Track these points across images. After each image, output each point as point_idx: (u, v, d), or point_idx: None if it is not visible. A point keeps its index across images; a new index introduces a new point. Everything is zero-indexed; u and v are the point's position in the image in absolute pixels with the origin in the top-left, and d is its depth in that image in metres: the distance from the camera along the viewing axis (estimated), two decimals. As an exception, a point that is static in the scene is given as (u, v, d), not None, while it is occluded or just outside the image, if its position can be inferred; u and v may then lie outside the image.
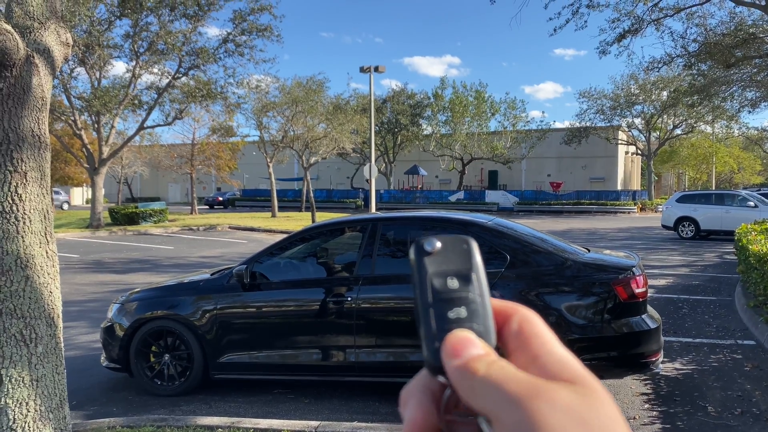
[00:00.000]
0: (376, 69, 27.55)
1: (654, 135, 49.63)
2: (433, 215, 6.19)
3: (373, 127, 29.29)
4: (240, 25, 24.00)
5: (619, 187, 52.63)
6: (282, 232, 23.06)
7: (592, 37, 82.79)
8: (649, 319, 5.20)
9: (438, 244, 0.45)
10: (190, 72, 25.05)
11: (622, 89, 46.99)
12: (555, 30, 17.16)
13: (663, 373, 6.00)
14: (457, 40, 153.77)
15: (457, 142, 48.34)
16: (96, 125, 25.89)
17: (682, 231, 20.55)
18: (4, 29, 2.90)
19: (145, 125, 26.85)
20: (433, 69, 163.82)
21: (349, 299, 5.41)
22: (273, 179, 36.23)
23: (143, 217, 27.76)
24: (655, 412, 5.06)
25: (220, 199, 52.15)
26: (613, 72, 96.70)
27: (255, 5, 23.60)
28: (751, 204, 19.61)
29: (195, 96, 24.98)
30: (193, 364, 5.66)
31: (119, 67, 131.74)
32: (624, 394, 5.49)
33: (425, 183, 55.76)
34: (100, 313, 8.82)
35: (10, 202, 3.00)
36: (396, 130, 49.31)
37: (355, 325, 5.39)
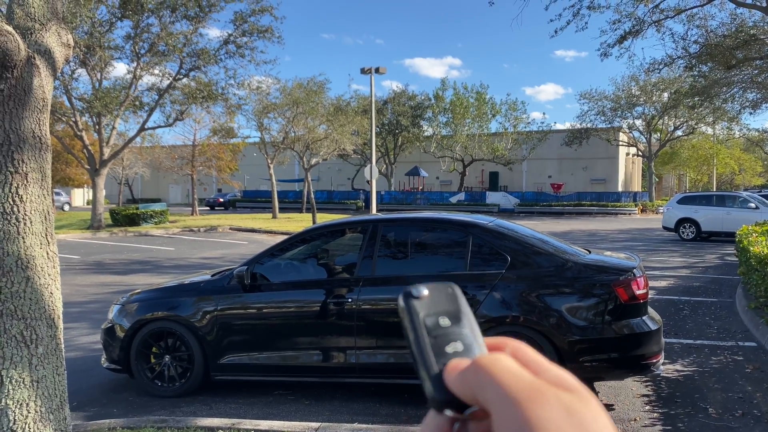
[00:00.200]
0: (377, 70, 27.58)
1: (655, 136, 49.61)
2: (433, 217, 6.19)
3: (374, 129, 29.28)
4: (241, 27, 24.02)
5: (619, 189, 52.62)
6: (283, 234, 23.06)
7: (592, 39, 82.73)
8: (649, 320, 5.20)
9: (425, 291, 0.47)
10: (191, 73, 25.09)
11: (622, 91, 46.98)
12: (556, 31, 17.15)
13: (664, 374, 5.99)
14: (458, 42, 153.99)
15: (457, 143, 48.33)
16: (97, 126, 25.92)
17: (683, 232, 20.53)
18: (5, 30, 2.90)
19: (146, 126, 26.88)
20: (434, 70, 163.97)
21: (350, 300, 5.41)
22: (274, 180, 36.24)
23: (144, 218, 27.78)
24: (656, 414, 5.05)
25: (221, 200, 52.18)
26: (614, 73, 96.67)
27: (256, 6, 23.64)
28: (752, 205, 19.59)
29: (196, 97, 24.99)
30: (194, 365, 5.66)
31: (120, 69, 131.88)
32: (625, 395, 5.49)
33: (426, 184, 55.77)
34: (101, 314, 8.83)
35: (11, 203, 3.00)
36: (397, 131, 49.32)
37: (356, 327, 5.38)
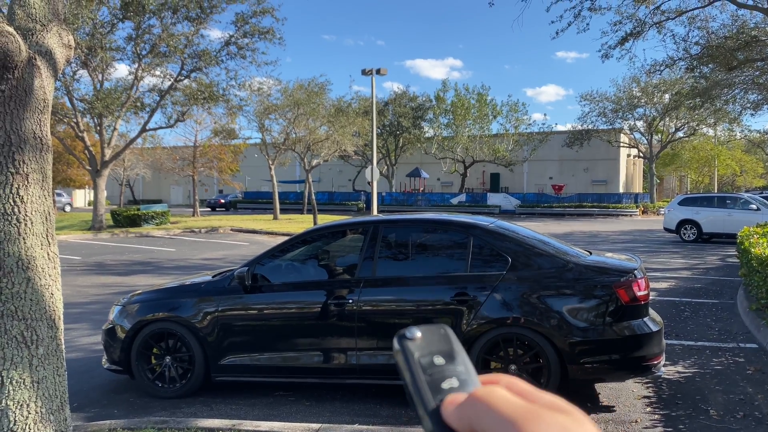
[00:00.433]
0: (378, 71, 27.60)
1: (656, 138, 49.57)
2: (434, 218, 6.19)
3: (375, 130, 29.29)
4: (242, 28, 24.05)
5: (621, 190, 52.59)
6: (284, 235, 23.06)
7: (594, 40, 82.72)
8: (650, 322, 5.19)
9: (418, 333, 0.48)
10: (193, 74, 25.11)
11: (624, 92, 46.96)
12: (557, 33, 17.15)
13: (665, 376, 5.98)
14: (459, 43, 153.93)
15: (458, 144, 48.31)
16: (98, 127, 25.96)
17: (684, 234, 20.51)
18: (6, 31, 2.90)
19: (148, 127, 26.93)
20: (435, 71, 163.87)
21: (351, 301, 5.41)
22: (275, 181, 36.25)
23: (145, 219, 27.80)
24: (657, 416, 5.05)
25: (222, 201, 52.20)
26: (615, 75, 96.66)
27: (257, 8, 23.66)
28: (754, 207, 19.57)
29: (197, 98, 25.02)
30: (195, 366, 5.65)
31: (122, 70, 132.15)
32: (626, 397, 5.48)
33: (427, 185, 55.77)
34: (102, 315, 8.83)
35: (12, 203, 3.00)
36: (398, 132, 49.32)
37: (357, 328, 5.38)
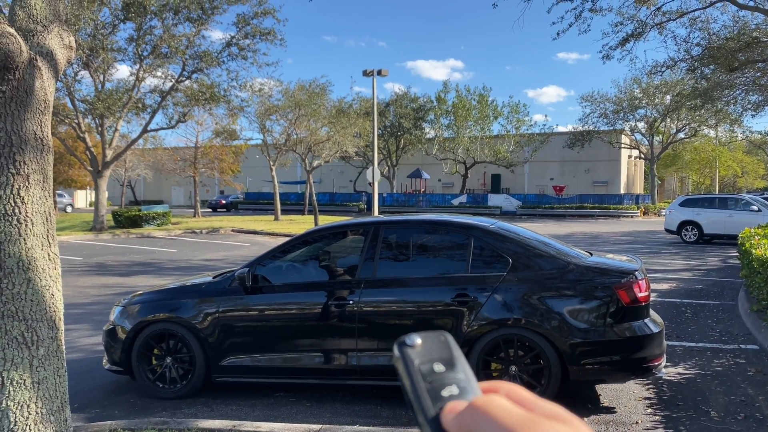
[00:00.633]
0: (379, 72, 27.61)
1: (657, 139, 49.55)
2: (435, 219, 6.19)
3: (376, 131, 29.29)
4: (243, 29, 24.07)
5: (622, 191, 52.55)
6: (285, 235, 23.07)
7: (595, 41, 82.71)
8: (651, 323, 5.19)
9: (418, 340, 0.48)
10: (194, 75, 25.14)
11: (625, 93, 46.96)
12: (558, 34, 17.17)
13: (666, 377, 5.98)
14: (461, 44, 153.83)
15: (460, 145, 48.30)
16: (99, 128, 25.98)
17: (686, 235, 20.49)
18: (7, 32, 2.91)
19: (149, 128, 26.95)
20: (436, 72, 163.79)
21: (351, 302, 5.41)
22: (276, 182, 36.26)
23: (146, 220, 27.82)
24: (657, 417, 5.04)
25: (223, 202, 52.22)
26: (616, 76, 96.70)
27: (258, 9, 23.68)
28: (755, 208, 19.55)
29: (198, 99, 25.04)
30: (195, 367, 5.65)
31: (123, 71, 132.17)
32: (626, 398, 5.47)
33: (428, 186, 55.77)
34: (103, 315, 8.84)
35: (13, 204, 3.00)
36: (399, 133, 49.31)
37: (357, 329, 5.38)
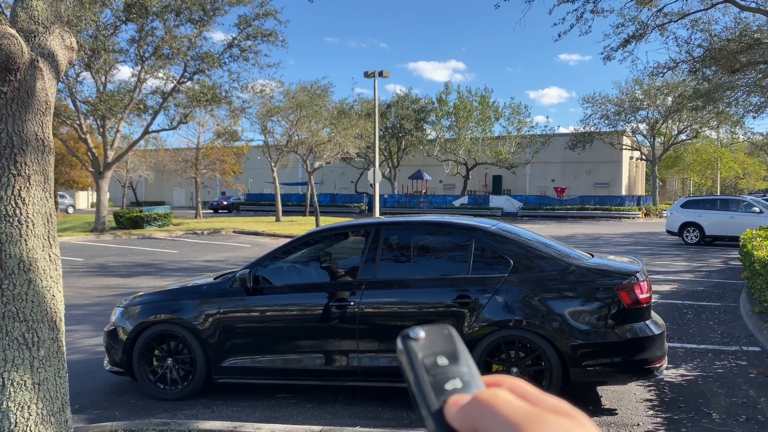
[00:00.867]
0: (381, 74, 27.61)
1: (658, 140, 49.51)
2: (436, 220, 6.18)
3: (378, 132, 29.30)
4: (245, 30, 24.09)
5: (623, 193, 52.51)
6: (286, 237, 23.07)
7: (596, 43, 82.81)
8: (653, 324, 5.18)
9: (422, 333, 0.48)
10: (195, 76, 25.16)
11: (626, 94, 46.92)
12: (559, 35, 17.17)
13: (667, 379, 5.97)
14: (462, 45, 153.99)
15: (461, 147, 48.30)
16: (101, 129, 26.01)
17: (687, 236, 20.47)
18: (9, 33, 2.91)
19: (150, 129, 26.96)
20: (437, 74, 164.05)
21: (352, 304, 5.41)
22: (277, 183, 36.29)
23: (148, 221, 27.83)
24: (659, 419, 5.03)
25: (225, 203, 52.24)
26: (617, 77, 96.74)
27: (260, 10, 23.70)
28: (756, 210, 19.53)
29: (200, 100, 25.06)
30: (196, 368, 5.65)
31: (125, 72, 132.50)
32: (628, 400, 5.46)
33: (429, 188, 55.76)
34: (104, 316, 8.84)
35: (14, 205, 3.01)
36: (400, 134, 49.32)
37: (358, 330, 5.38)
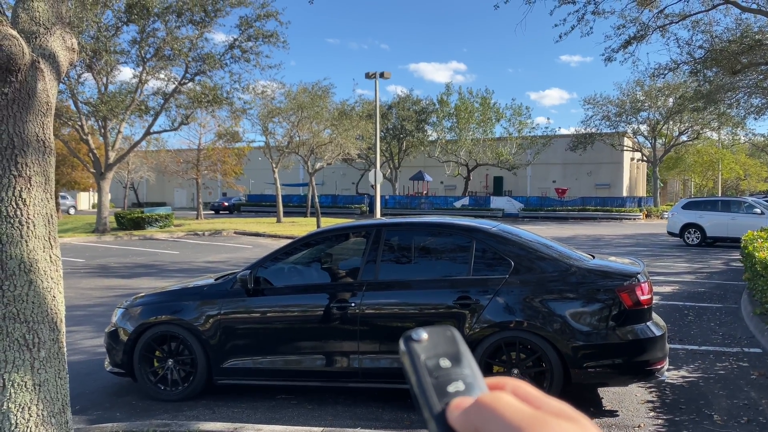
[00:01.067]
0: (382, 75, 27.63)
1: (659, 141, 49.47)
2: (437, 221, 6.18)
3: (379, 133, 29.31)
4: (246, 32, 24.11)
5: (624, 194, 52.47)
6: (287, 238, 23.08)
7: (597, 44, 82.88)
8: (654, 326, 5.17)
9: (424, 335, 0.49)
10: (197, 77, 25.18)
11: (627, 96, 46.89)
12: (560, 36, 17.21)
13: (668, 380, 5.96)
14: (463, 47, 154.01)
15: (462, 148, 48.30)
16: (103, 130, 26.03)
17: (688, 238, 20.45)
18: (10, 34, 2.91)
19: (152, 130, 26.97)
20: (438, 75, 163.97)
21: (353, 305, 5.40)
22: (278, 185, 36.30)
23: (149, 221, 27.84)
24: (660, 420, 5.02)
25: (226, 204, 52.26)
26: (618, 78, 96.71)
27: (261, 12, 23.71)
28: (758, 211, 19.51)
29: (201, 101, 25.08)
30: (197, 369, 5.65)
31: (126, 73, 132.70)
32: (629, 401, 5.46)
33: (430, 189, 55.74)
34: (105, 317, 8.84)
35: (14, 206, 3.01)
36: (401, 135, 49.33)
37: (359, 331, 5.38)
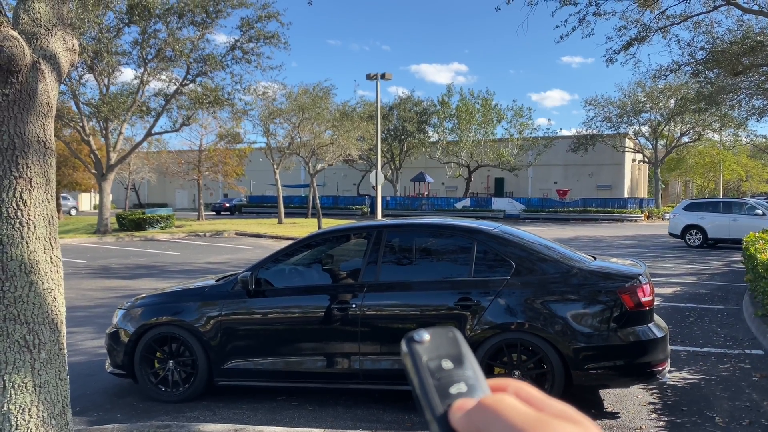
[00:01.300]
0: (383, 76, 27.63)
1: (661, 143, 49.47)
2: (438, 222, 6.18)
3: (380, 134, 29.32)
4: (247, 33, 24.13)
5: (625, 195, 52.45)
6: (288, 239, 23.08)
7: (599, 45, 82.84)
8: (655, 327, 5.16)
9: (426, 336, 0.49)
10: (198, 79, 25.19)
11: (629, 97, 46.90)
12: (562, 37, 17.15)
13: (670, 382, 5.95)
14: (465, 48, 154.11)
15: (463, 149, 48.32)
16: (104, 131, 26.04)
17: (690, 239, 20.43)
18: (11, 35, 2.91)
19: (153, 132, 27.01)
20: (440, 76, 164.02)
21: (354, 306, 5.40)
22: (279, 186, 36.32)
23: (150, 222, 27.86)
24: (662, 422, 5.01)
25: (227, 205, 52.30)
26: (620, 80, 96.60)
27: (262, 13, 23.72)
28: (759, 212, 19.49)
29: (202, 102, 25.09)
30: (198, 370, 5.65)
31: (127, 74, 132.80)
32: (630, 403, 5.45)
33: (431, 190, 55.73)
34: (106, 318, 8.84)
35: (15, 207, 3.00)
36: (402, 137, 49.35)
37: (360, 332, 5.37)
